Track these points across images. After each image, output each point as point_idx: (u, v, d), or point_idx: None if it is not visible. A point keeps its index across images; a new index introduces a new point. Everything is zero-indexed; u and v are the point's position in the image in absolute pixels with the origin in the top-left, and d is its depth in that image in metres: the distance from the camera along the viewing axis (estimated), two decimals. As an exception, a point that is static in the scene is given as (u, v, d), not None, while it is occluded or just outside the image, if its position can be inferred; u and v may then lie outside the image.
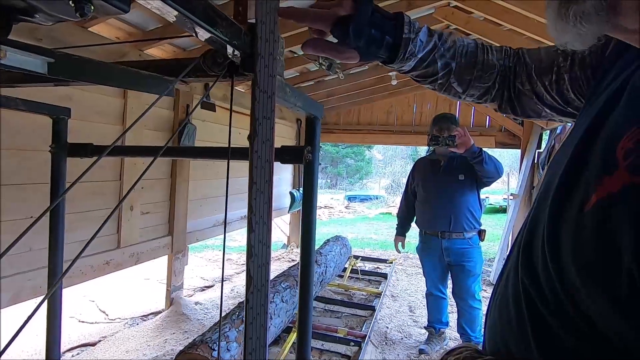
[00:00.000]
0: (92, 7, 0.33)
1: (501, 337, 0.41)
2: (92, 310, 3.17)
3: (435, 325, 2.70)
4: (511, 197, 4.50)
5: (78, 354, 2.48)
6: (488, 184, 2.45)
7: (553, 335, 0.34)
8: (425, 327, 2.81)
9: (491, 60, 0.62)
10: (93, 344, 2.59)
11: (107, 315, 3.09)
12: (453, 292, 2.60)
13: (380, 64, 0.60)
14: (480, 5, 2.31)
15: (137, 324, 2.91)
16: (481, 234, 2.52)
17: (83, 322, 2.95)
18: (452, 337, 2.81)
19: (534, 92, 0.61)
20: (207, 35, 0.48)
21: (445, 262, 2.55)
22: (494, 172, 2.33)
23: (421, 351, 2.62)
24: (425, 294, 2.77)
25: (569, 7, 0.34)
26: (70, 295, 3.23)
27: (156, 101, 0.40)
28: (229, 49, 0.51)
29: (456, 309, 2.66)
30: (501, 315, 0.42)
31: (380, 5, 2.68)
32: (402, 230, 2.80)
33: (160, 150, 0.43)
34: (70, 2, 0.33)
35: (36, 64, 0.43)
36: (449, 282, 2.64)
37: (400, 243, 2.81)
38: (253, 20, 0.51)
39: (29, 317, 0.34)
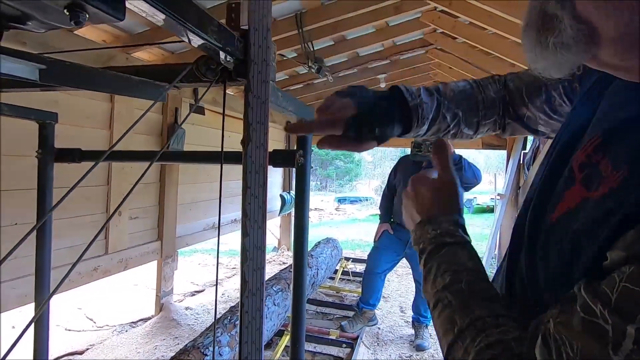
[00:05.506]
0: (87, 16, 0.33)
1: None
2: (80, 318, 3.11)
3: (362, 305, 2.92)
4: (498, 197, 4.57)
5: (65, 363, 2.43)
6: (467, 189, 2.69)
7: None
8: (353, 306, 3.08)
9: (490, 96, 0.64)
10: (80, 352, 2.54)
11: (94, 322, 3.03)
12: (414, 276, 2.92)
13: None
14: (466, 10, 2.35)
15: (126, 331, 2.86)
16: None
17: (70, 330, 2.88)
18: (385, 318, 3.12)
19: (525, 116, 0.62)
20: (200, 41, 0.49)
21: (402, 255, 2.83)
22: (473, 179, 2.57)
23: (341, 327, 2.83)
24: (366, 271, 2.97)
25: (548, 37, 0.35)
26: (57, 304, 3.16)
27: (151, 107, 0.40)
28: (222, 55, 0.52)
29: (414, 289, 2.99)
30: None
31: (367, 10, 2.66)
32: (386, 218, 3.05)
33: (156, 156, 0.43)
34: (65, 11, 0.33)
35: (27, 71, 0.43)
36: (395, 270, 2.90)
37: (388, 228, 3.02)
38: (246, 27, 0.52)
39: (22, 332, 0.34)
